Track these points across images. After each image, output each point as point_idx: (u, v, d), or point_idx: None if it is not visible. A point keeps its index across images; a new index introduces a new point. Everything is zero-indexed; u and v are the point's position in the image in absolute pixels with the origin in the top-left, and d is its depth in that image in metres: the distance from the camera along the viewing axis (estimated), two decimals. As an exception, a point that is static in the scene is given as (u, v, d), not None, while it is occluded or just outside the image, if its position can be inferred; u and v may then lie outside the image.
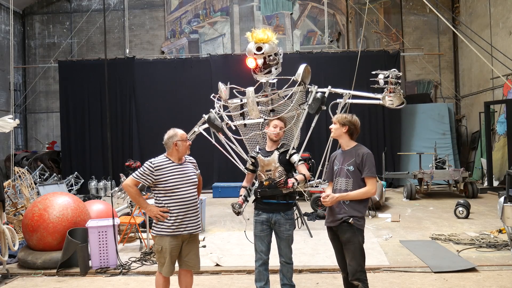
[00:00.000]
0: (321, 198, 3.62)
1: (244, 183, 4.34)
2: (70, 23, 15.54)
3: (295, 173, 4.20)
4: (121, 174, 8.05)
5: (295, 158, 4.13)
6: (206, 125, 7.53)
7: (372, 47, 14.60)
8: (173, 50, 15.34)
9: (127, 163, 8.17)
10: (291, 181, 3.89)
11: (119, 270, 5.43)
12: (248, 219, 4.71)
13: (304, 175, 4.02)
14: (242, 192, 4.26)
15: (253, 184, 4.51)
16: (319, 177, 7.52)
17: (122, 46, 15.09)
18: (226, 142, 7.33)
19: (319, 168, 7.36)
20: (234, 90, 7.03)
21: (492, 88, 12.56)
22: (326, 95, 6.88)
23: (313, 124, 7.12)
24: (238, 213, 4.10)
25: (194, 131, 7.73)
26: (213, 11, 15.28)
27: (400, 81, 6.45)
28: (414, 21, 14.94)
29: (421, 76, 14.90)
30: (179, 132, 3.96)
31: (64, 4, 15.71)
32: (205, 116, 7.38)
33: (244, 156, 7.30)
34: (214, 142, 7.48)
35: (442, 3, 14.50)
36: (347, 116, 3.78)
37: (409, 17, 14.94)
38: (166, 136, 3.94)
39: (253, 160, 4.28)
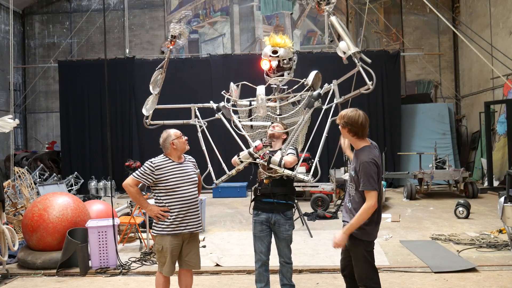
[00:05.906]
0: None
1: None
2: (70, 23, 15.52)
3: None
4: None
5: (288, 153, 4.16)
6: (208, 119, 7.34)
7: (372, 47, 14.58)
8: (173, 50, 15.30)
9: (127, 163, 8.17)
10: (261, 144, 3.97)
11: (119, 270, 5.43)
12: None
13: (282, 158, 3.99)
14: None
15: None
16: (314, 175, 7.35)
17: (122, 46, 15.07)
18: (232, 130, 7.22)
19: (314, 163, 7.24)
20: (246, 83, 6.99)
21: (492, 88, 12.55)
22: (323, 92, 6.76)
23: (315, 129, 7.01)
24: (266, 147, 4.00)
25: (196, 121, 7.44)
26: (213, 11, 15.27)
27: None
28: (414, 21, 14.92)
29: (421, 76, 14.89)
30: (172, 131, 4.00)
31: (64, 4, 15.69)
32: (213, 104, 7.18)
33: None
34: (200, 133, 7.12)
35: (442, 3, 14.48)
36: (345, 114, 3.34)
37: (409, 17, 14.93)
38: (161, 140, 3.98)
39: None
